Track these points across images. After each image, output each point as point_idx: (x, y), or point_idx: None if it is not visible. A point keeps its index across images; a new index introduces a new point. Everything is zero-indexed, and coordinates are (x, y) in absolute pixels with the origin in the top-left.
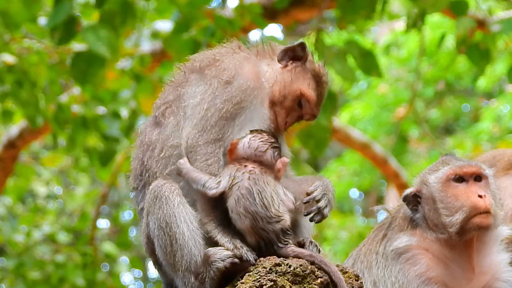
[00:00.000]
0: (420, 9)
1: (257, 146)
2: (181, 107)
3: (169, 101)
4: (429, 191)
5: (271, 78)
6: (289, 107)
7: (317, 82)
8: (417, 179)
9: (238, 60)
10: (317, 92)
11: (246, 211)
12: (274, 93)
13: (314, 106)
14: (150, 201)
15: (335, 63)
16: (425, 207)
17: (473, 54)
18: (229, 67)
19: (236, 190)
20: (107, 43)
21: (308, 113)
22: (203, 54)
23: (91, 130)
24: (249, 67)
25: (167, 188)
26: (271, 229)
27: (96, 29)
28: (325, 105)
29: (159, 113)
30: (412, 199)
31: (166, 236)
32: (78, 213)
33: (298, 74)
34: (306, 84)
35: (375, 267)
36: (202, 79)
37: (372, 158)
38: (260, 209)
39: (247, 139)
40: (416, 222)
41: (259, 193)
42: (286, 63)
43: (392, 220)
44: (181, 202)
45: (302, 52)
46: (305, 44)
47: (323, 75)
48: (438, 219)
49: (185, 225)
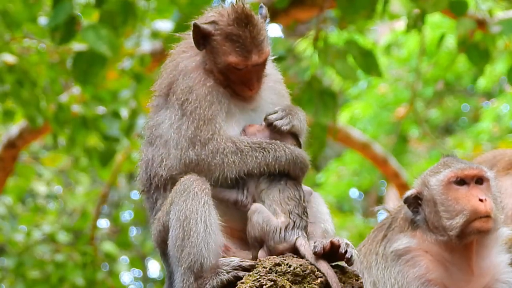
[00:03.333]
0: (420, 9)
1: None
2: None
3: (151, 126)
4: (430, 193)
5: (208, 67)
6: (238, 75)
7: (234, 38)
8: (418, 180)
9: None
10: (242, 48)
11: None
12: (218, 78)
13: (252, 58)
14: (178, 191)
15: (336, 63)
16: (426, 209)
17: (473, 54)
18: (183, 88)
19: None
20: (107, 42)
21: (253, 63)
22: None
23: (91, 130)
24: (196, 74)
25: (198, 184)
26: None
27: (96, 29)
28: (325, 104)
29: (148, 135)
30: (413, 201)
31: (181, 229)
32: (78, 212)
33: (217, 47)
34: (227, 52)
35: (374, 268)
36: (167, 104)
37: (372, 158)
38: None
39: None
40: (416, 223)
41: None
42: (204, 46)
43: (393, 220)
44: (207, 203)
45: (201, 31)
46: (196, 24)
47: (232, 26)
48: (439, 222)
49: (203, 225)
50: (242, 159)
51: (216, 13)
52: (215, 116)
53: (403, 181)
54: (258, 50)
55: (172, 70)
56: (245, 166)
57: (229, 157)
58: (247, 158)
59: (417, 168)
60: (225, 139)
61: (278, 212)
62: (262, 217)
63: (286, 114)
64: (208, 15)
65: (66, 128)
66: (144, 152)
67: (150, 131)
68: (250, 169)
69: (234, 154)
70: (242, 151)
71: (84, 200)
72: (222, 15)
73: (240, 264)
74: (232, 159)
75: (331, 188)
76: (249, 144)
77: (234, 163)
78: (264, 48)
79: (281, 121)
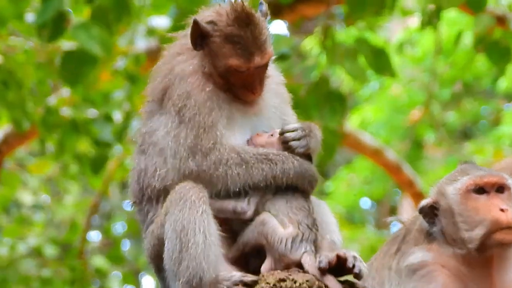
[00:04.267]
0: (435, 5)
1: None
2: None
3: (144, 133)
4: (447, 203)
5: (207, 70)
6: (239, 78)
7: (235, 40)
8: (434, 189)
9: (186, 81)
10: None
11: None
12: (218, 82)
13: (254, 60)
14: (173, 200)
15: (345, 62)
16: (443, 220)
17: (493, 53)
18: (180, 93)
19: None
20: (99, 41)
21: (256, 65)
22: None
23: (81, 135)
24: (193, 79)
25: (195, 192)
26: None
27: (87, 26)
28: (333, 107)
29: (141, 142)
30: (429, 211)
31: (178, 241)
32: (66, 224)
33: (216, 49)
34: (228, 54)
35: (387, 284)
36: (162, 110)
37: (385, 164)
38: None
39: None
40: (432, 235)
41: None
42: (202, 47)
43: (407, 232)
44: (206, 212)
45: (201, 29)
46: (196, 20)
47: (232, 26)
48: (457, 234)
49: (202, 236)
50: (247, 171)
51: (214, 12)
52: (215, 123)
53: (418, 190)
54: (260, 51)
55: (167, 74)
56: (250, 178)
57: (233, 169)
58: (253, 170)
59: (433, 176)
60: (229, 149)
61: (286, 222)
62: (268, 227)
63: (305, 135)
64: (205, 14)
65: (54, 132)
66: (136, 161)
67: (142, 138)
68: (255, 182)
69: (239, 165)
70: (247, 162)
71: (73, 210)
72: (221, 14)
73: (242, 279)
74: (236, 171)
75: (341, 198)
76: (254, 155)
77: (238, 176)
78: (266, 48)
79: (298, 142)
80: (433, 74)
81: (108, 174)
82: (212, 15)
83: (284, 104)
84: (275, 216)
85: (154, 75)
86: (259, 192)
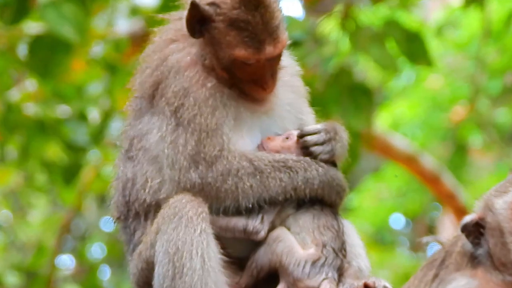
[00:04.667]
0: None
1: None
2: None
3: (132, 137)
4: (496, 219)
5: (208, 62)
6: (248, 71)
7: (241, 25)
8: (480, 203)
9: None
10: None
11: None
12: (222, 76)
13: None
14: (167, 216)
15: (372, 49)
16: (490, 240)
17: None
18: (176, 89)
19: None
20: (72, 22)
21: (267, 56)
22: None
23: (50, 137)
24: (192, 72)
25: (192, 207)
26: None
27: (58, 5)
28: (357, 103)
29: (127, 147)
30: (474, 229)
31: (171, 265)
32: (32, 246)
33: (219, 37)
34: (234, 43)
35: None
36: (153, 109)
37: (421, 173)
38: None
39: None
40: (477, 259)
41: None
42: (201, 34)
43: (446, 255)
44: (205, 230)
45: (199, 11)
46: (194, 2)
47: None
48: (507, 257)
49: (200, 260)
50: (262, 183)
51: None
52: (220, 125)
53: (461, 204)
54: (272, 39)
55: (159, 65)
56: (266, 191)
57: (244, 181)
58: (269, 180)
59: (480, 187)
60: (239, 156)
61: (308, 242)
62: (283, 246)
63: (329, 139)
64: None
65: (17, 134)
66: (122, 169)
67: (129, 142)
68: (272, 195)
69: (252, 176)
70: (262, 172)
71: (40, 230)
72: None
73: None
74: (249, 183)
75: (367, 214)
76: (270, 163)
77: (251, 188)
78: (280, 35)
79: (321, 147)
80: (480, 63)
81: (83, 185)
82: None
83: (300, 100)
84: (296, 234)
85: (142, 65)
86: (276, 207)
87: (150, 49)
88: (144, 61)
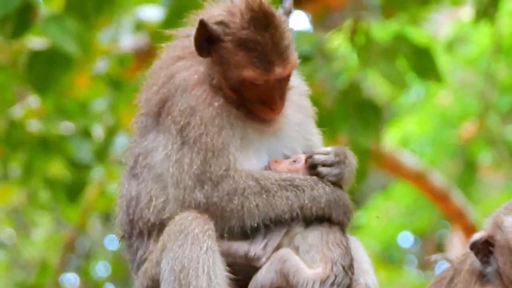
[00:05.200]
0: None
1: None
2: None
3: (137, 154)
4: (505, 237)
5: (215, 82)
6: (256, 92)
7: (250, 46)
8: (489, 220)
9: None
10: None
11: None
12: (229, 96)
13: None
14: (172, 234)
15: (381, 64)
16: (499, 258)
17: None
18: (183, 108)
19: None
20: (75, 37)
21: (277, 77)
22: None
23: (53, 154)
24: (199, 91)
25: (198, 224)
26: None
27: (60, 19)
28: (366, 120)
29: (132, 164)
30: (483, 247)
31: (177, 283)
32: (36, 265)
33: (228, 57)
34: (242, 63)
35: None
36: (159, 126)
37: (430, 191)
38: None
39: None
40: (486, 277)
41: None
42: (209, 53)
43: (455, 273)
44: (211, 248)
45: (209, 31)
46: (203, 21)
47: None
48: None
49: (206, 278)
50: (269, 202)
51: (225, 10)
52: (227, 145)
53: (470, 222)
54: (282, 60)
55: (165, 82)
56: (272, 210)
57: (251, 200)
58: (275, 199)
59: (489, 205)
60: (245, 176)
61: (317, 260)
62: (289, 265)
63: (338, 162)
64: (214, 12)
65: (20, 151)
66: (126, 187)
67: (134, 159)
68: (279, 213)
69: (258, 195)
70: (269, 191)
71: (43, 248)
72: (233, 14)
73: None
74: (255, 202)
75: (375, 232)
76: (277, 181)
77: (257, 208)
78: (289, 56)
79: (329, 169)
80: (490, 78)
81: (87, 203)
82: (222, 14)
83: (308, 121)
84: (306, 252)
85: (148, 81)
86: (283, 229)
87: (156, 65)
88: (150, 77)
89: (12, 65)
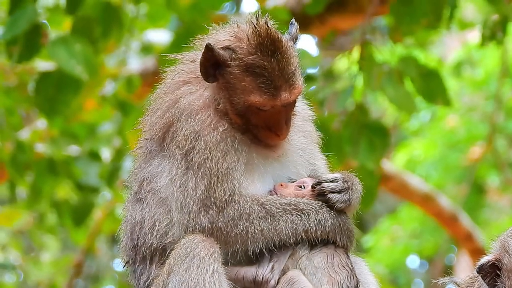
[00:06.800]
0: (500, 15)
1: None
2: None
3: (142, 179)
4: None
5: (221, 107)
6: (262, 117)
7: (257, 71)
8: (496, 244)
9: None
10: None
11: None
12: (235, 121)
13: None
14: (178, 257)
15: (388, 87)
16: (506, 281)
17: None
18: (187, 133)
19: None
20: (83, 60)
21: (283, 102)
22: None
23: (61, 177)
24: (204, 116)
25: (204, 247)
26: None
27: (68, 42)
28: (372, 143)
29: (137, 189)
30: (490, 270)
31: None
32: (44, 287)
33: (234, 82)
34: (249, 89)
35: None
36: (164, 152)
37: (437, 214)
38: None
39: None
40: None
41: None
42: (215, 78)
43: None
44: (217, 271)
45: (215, 55)
46: (209, 46)
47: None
48: None
49: None
50: (273, 226)
51: (232, 35)
52: (231, 170)
53: (478, 245)
54: (288, 85)
55: (170, 107)
56: (276, 234)
57: (255, 225)
58: (280, 224)
59: (497, 228)
60: (250, 200)
61: (324, 283)
62: (298, 287)
63: (346, 189)
64: (220, 37)
65: (27, 174)
66: (130, 212)
67: (139, 184)
68: (283, 238)
69: (263, 219)
70: (274, 215)
71: (51, 271)
72: (240, 39)
73: None
74: (259, 227)
75: (383, 255)
76: (282, 206)
77: (262, 232)
78: (296, 81)
79: (338, 195)
80: (497, 101)
81: (95, 226)
82: (229, 39)
83: (312, 146)
84: (312, 275)
85: (153, 106)
86: (287, 252)
87: (161, 90)
88: (155, 102)
89: (20, 88)
